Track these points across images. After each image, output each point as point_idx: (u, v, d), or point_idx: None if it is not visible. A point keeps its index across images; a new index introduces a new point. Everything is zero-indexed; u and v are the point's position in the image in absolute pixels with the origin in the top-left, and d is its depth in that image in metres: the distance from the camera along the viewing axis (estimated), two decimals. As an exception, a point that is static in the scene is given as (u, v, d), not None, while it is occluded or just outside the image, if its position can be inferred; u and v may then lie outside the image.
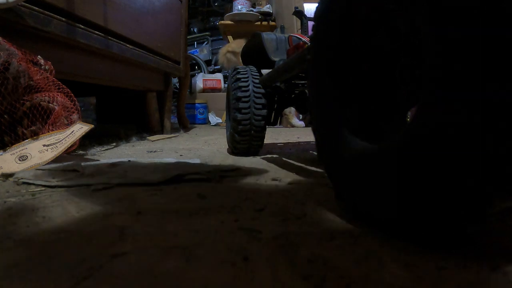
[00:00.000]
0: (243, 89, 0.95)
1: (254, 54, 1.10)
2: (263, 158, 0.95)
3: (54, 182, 0.60)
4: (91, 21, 1.18)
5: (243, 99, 0.94)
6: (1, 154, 0.78)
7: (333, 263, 0.30)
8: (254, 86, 0.96)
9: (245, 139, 0.96)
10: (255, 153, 1.03)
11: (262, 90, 0.95)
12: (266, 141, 1.26)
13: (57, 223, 0.40)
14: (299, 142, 1.47)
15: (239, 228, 0.38)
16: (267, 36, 1.02)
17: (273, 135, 1.83)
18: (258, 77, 0.98)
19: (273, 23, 3.03)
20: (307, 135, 1.80)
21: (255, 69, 1.02)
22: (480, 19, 0.25)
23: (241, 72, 0.99)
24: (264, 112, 0.95)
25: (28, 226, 0.39)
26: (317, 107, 0.50)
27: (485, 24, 0.25)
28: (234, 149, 1.01)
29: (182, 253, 0.32)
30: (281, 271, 0.28)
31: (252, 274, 0.28)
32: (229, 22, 3.07)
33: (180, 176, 0.64)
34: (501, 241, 0.35)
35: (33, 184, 0.60)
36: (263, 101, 0.95)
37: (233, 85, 0.98)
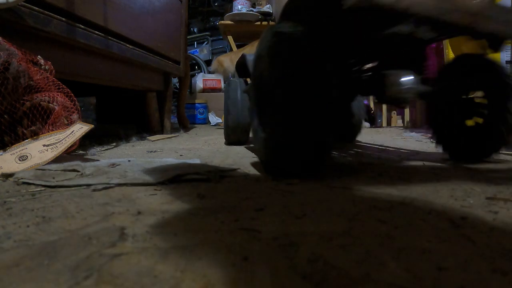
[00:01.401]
0: (232, 97, 1.26)
1: (242, 69, 1.29)
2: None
3: (54, 182, 0.60)
4: (91, 21, 1.18)
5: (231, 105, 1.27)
6: (1, 154, 0.78)
7: (333, 263, 0.30)
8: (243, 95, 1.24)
9: (236, 133, 1.29)
10: (244, 143, 1.32)
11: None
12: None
13: (57, 223, 0.40)
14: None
15: (239, 228, 0.38)
16: (249, 57, 1.14)
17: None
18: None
19: (273, 23, 3.03)
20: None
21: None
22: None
23: (232, 84, 1.30)
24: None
25: (28, 226, 0.39)
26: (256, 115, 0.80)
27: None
28: (229, 139, 1.33)
29: (182, 253, 0.32)
30: (281, 271, 0.28)
31: (252, 274, 0.28)
32: (229, 22, 3.06)
33: (180, 176, 0.64)
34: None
35: (33, 184, 0.60)
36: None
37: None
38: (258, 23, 3.03)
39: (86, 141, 1.27)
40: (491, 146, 0.82)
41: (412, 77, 0.71)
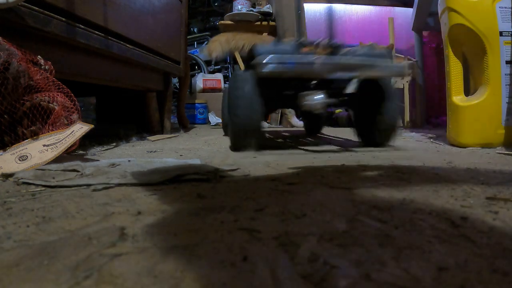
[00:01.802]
0: (225, 105, 1.56)
1: None
2: (263, 158, 0.95)
3: (54, 182, 0.60)
4: (91, 21, 1.18)
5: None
6: (1, 154, 0.78)
7: (333, 263, 0.30)
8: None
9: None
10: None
11: None
12: (266, 141, 1.50)
13: (57, 223, 0.40)
14: (299, 142, 1.47)
15: (239, 228, 0.38)
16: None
17: (273, 135, 1.82)
18: None
19: (273, 23, 3.03)
20: (306, 134, 1.80)
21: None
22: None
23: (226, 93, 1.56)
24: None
25: (28, 226, 0.39)
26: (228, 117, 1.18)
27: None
28: (225, 133, 1.69)
29: (182, 253, 0.32)
30: (280, 271, 0.28)
31: (252, 274, 0.28)
32: (229, 22, 3.06)
33: (180, 176, 0.64)
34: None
35: (33, 184, 0.60)
36: None
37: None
38: (258, 23, 3.03)
39: (86, 141, 1.27)
40: (380, 138, 1.20)
41: (321, 96, 1.06)
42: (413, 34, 2.61)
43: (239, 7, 3.13)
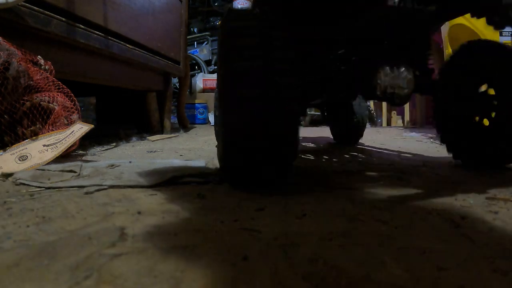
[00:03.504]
0: None
1: None
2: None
3: (48, 183, 0.60)
4: (91, 21, 1.18)
5: None
6: (1, 154, 0.78)
7: (333, 263, 0.30)
8: None
9: None
10: None
11: None
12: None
13: (57, 223, 0.40)
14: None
15: (239, 228, 0.38)
16: None
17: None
18: None
19: (273, 23, 3.02)
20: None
21: None
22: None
23: None
24: None
25: (28, 226, 0.39)
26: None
27: None
28: None
29: (182, 253, 0.32)
30: (280, 271, 0.28)
31: (252, 274, 0.28)
32: (229, 22, 3.06)
33: (177, 178, 0.63)
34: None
35: (29, 185, 0.60)
36: None
37: None
38: (258, 23, 3.02)
39: (86, 141, 1.27)
40: (507, 150, 0.64)
41: (403, 69, 0.58)
42: (413, 34, 2.60)
43: (239, 7, 3.13)
